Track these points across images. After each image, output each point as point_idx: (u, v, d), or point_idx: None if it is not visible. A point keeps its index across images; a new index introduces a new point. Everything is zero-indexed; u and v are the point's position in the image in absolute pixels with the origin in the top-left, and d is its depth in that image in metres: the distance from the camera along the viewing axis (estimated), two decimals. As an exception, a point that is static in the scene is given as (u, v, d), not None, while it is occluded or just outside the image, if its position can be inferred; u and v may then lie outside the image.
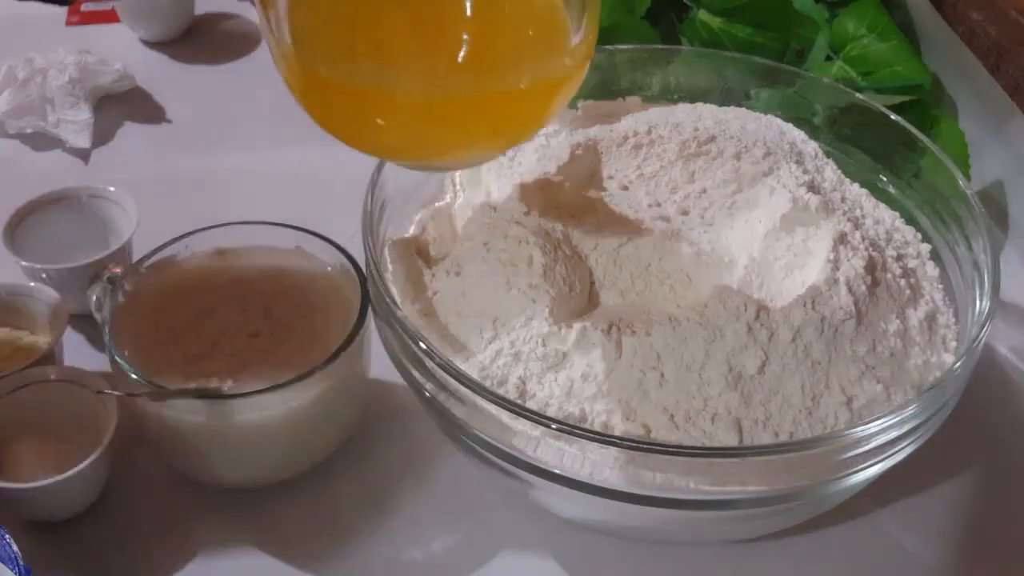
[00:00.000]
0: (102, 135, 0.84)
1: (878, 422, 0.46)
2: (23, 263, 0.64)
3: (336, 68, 0.42)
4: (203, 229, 0.60)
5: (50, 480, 0.52)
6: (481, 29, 0.41)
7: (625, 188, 0.59)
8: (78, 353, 0.64)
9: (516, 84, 0.42)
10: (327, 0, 0.42)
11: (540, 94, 0.44)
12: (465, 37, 0.41)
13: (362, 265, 0.56)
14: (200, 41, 0.96)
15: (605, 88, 0.68)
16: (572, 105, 0.66)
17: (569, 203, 0.55)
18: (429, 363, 0.48)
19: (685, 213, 0.57)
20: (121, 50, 0.92)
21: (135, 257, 0.64)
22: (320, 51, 0.42)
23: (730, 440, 0.48)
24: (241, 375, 0.53)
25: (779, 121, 0.64)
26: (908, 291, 0.54)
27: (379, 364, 0.56)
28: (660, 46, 0.79)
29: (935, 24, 0.80)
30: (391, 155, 0.49)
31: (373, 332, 0.55)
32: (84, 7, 0.99)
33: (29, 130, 0.83)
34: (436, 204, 0.61)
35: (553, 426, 0.45)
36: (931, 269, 0.58)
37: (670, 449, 0.45)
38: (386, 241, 0.57)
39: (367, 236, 0.54)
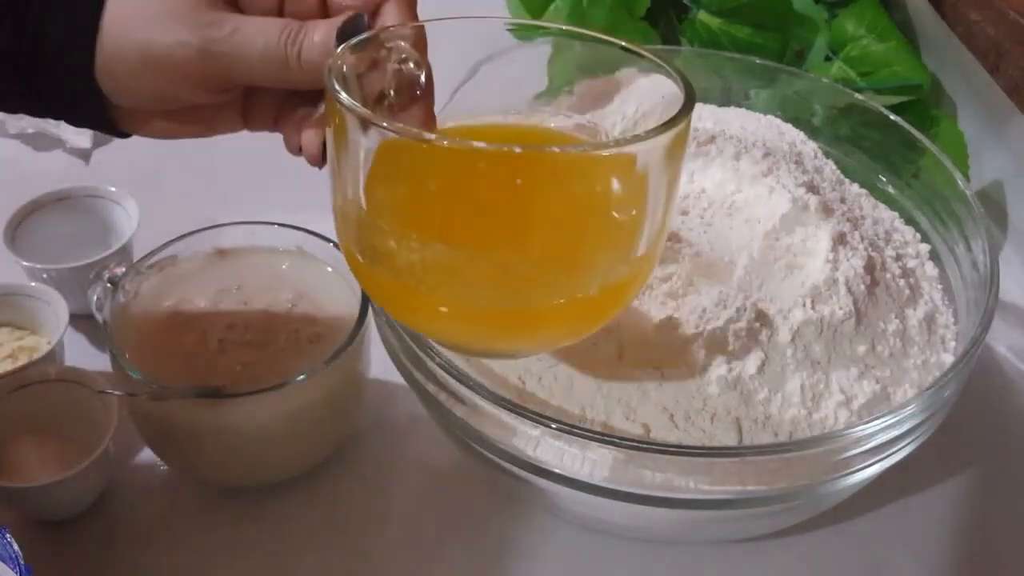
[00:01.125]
0: (102, 135, 0.84)
1: (877, 422, 0.46)
2: (24, 263, 0.64)
3: (410, 275, 0.39)
4: (203, 229, 0.60)
5: (51, 480, 0.52)
6: (556, 239, 0.39)
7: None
8: (79, 353, 0.64)
9: (585, 293, 0.40)
10: (403, 214, 0.40)
11: (606, 300, 0.42)
12: (540, 248, 0.39)
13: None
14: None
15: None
16: (568, 91, 0.66)
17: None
18: (429, 363, 0.48)
19: (685, 213, 0.57)
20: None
21: (136, 257, 0.64)
22: (399, 263, 0.39)
23: (730, 440, 0.48)
24: (241, 375, 0.53)
25: (778, 121, 0.64)
26: (907, 291, 0.55)
27: (379, 364, 0.56)
28: (660, 46, 0.79)
29: (934, 24, 0.80)
30: (441, 342, 0.48)
31: (373, 332, 0.55)
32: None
33: (30, 130, 0.83)
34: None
35: (553, 426, 0.45)
36: (930, 269, 0.58)
37: (670, 449, 0.45)
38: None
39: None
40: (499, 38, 0.69)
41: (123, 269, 0.57)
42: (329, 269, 0.59)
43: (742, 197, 0.57)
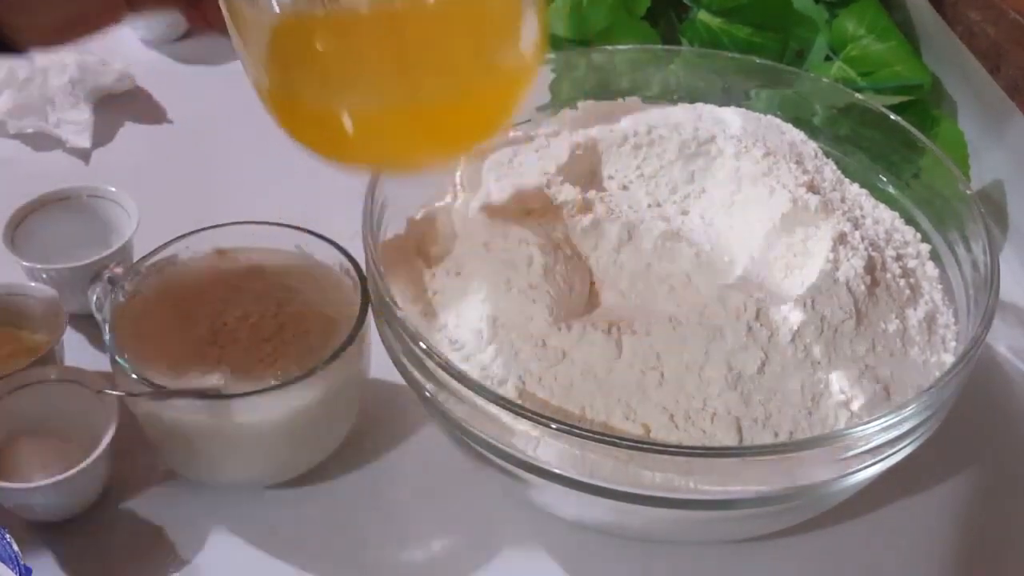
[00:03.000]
0: (102, 135, 0.84)
1: (877, 422, 0.46)
2: (24, 263, 0.64)
3: (312, 94, 0.44)
4: (203, 229, 0.60)
5: (50, 480, 0.53)
6: (444, 38, 0.42)
7: (625, 188, 0.59)
8: (79, 353, 0.64)
9: (478, 86, 0.44)
10: (299, 35, 0.44)
11: (502, 92, 0.45)
12: (427, 47, 0.43)
13: (362, 265, 0.56)
14: (200, 41, 0.96)
15: (605, 88, 0.68)
16: (572, 105, 0.66)
17: (569, 203, 0.56)
18: (429, 363, 0.48)
19: (685, 213, 0.57)
20: (122, 50, 0.92)
21: (136, 257, 0.64)
22: (296, 80, 0.44)
23: (730, 440, 0.48)
24: (241, 375, 0.53)
25: (779, 121, 0.64)
26: (908, 291, 0.55)
27: (379, 364, 0.56)
28: (660, 46, 0.79)
29: (934, 24, 0.80)
30: (353, 162, 0.51)
31: (373, 332, 0.55)
32: (84, 7, 0.99)
33: (30, 130, 0.83)
34: (436, 204, 0.61)
35: (553, 426, 0.45)
36: (931, 269, 0.58)
37: (670, 449, 0.45)
38: (386, 241, 0.57)
39: (367, 236, 0.54)
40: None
41: (123, 269, 0.57)
42: (329, 269, 0.59)
43: (742, 197, 0.57)
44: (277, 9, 0.42)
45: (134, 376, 0.51)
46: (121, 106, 0.87)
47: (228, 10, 0.43)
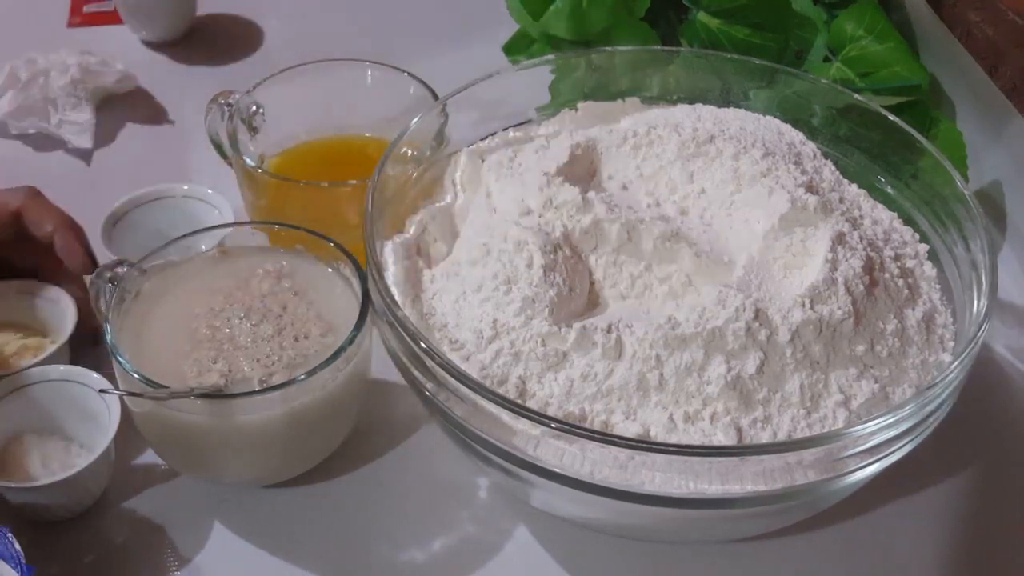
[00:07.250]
0: (104, 136, 0.84)
1: (876, 422, 0.46)
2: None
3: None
4: (205, 229, 0.60)
5: (51, 480, 0.53)
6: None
7: (625, 188, 0.59)
8: (81, 352, 0.64)
9: None
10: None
11: None
12: None
13: (362, 265, 0.56)
14: (201, 42, 0.96)
15: (604, 89, 0.68)
16: (572, 106, 0.66)
17: (569, 203, 0.56)
18: (429, 363, 0.49)
19: (684, 213, 0.58)
20: (123, 51, 0.92)
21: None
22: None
23: (729, 440, 0.48)
24: (241, 375, 0.54)
25: (778, 122, 0.64)
26: (906, 291, 0.55)
27: (379, 364, 0.56)
28: (659, 47, 0.80)
29: (933, 25, 0.80)
30: None
31: (373, 332, 0.56)
32: (86, 8, 0.99)
33: (31, 131, 0.83)
34: (436, 204, 0.61)
35: (553, 425, 0.45)
36: (929, 269, 0.58)
37: (669, 449, 0.45)
38: (386, 241, 0.57)
39: (367, 236, 0.54)
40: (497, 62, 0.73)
41: (125, 269, 0.57)
42: (329, 269, 0.59)
43: (741, 197, 0.57)
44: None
45: (135, 376, 0.52)
46: (122, 107, 0.88)
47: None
